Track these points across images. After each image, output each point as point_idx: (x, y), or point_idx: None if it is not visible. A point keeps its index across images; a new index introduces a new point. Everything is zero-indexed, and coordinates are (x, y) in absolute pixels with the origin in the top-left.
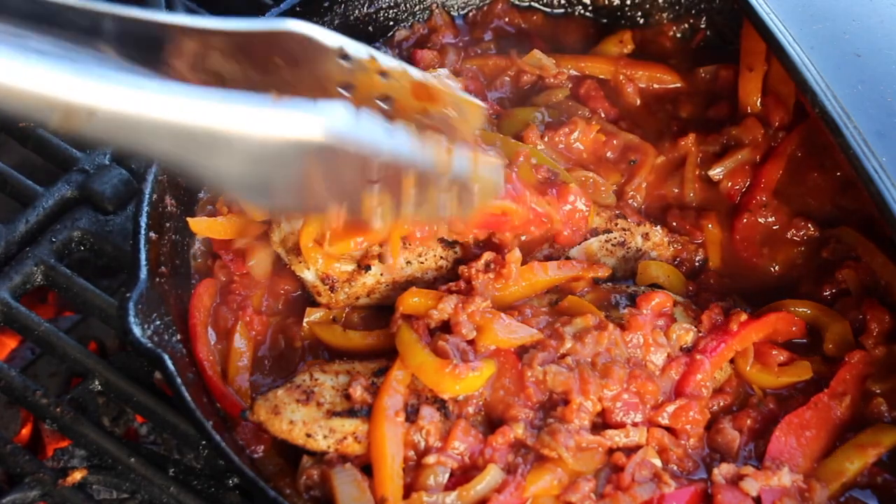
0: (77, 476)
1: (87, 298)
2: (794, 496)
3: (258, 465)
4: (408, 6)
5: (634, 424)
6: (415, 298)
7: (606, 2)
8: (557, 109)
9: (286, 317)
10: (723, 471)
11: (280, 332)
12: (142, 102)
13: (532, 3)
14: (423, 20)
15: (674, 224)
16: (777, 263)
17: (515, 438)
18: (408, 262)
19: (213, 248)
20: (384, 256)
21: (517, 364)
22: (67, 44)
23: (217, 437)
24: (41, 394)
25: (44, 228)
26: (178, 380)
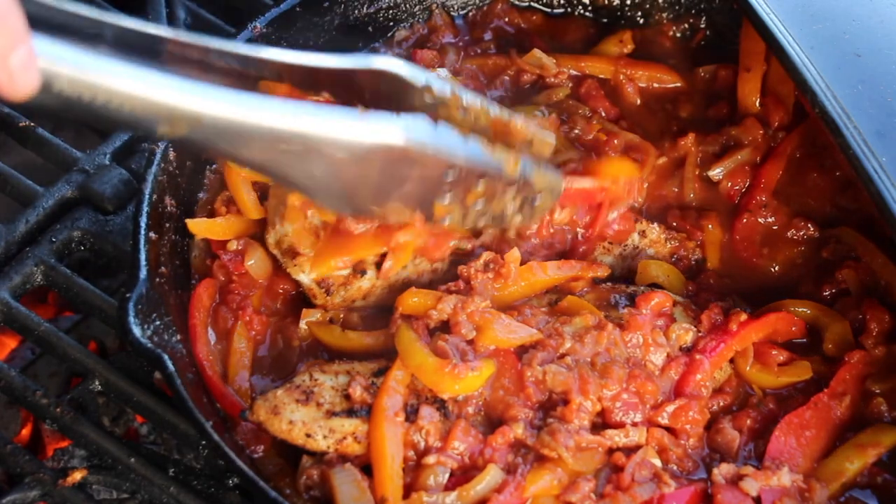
0: (77, 476)
1: (87, 298)
2: (794, 496)
3: (258, 465)
4: (408, 6)
5: (634, 424)
6: (414, 298)
7: (606, 2)
8: (558, 108)
9: (284, 316)
10: (723, 471)
11: (279, 332)
12: (243, 110)
13: (532, 3)
14: (423, 20)
15: (674, 224)
16: (777, 263)
17: (515, 438)
18: (403, 266)
19: (212, 249)
20: (383, 268)
21: (517, 364)
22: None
23: (217, 437)
24: (41, 394)
25: (44, 228)
26: (178, 380)
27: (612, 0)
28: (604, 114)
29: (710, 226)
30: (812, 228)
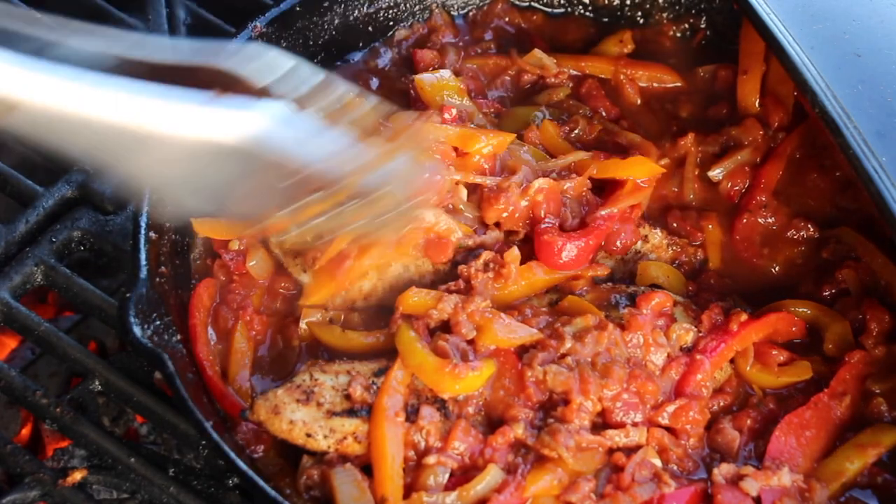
0: (77, 476)
1: (87, 298)
2: (794, 496)
3: (258, 465)
4: (408, 6)
5: (634, 424)
6: (414, 298)
7: (606, 2)
8: (559, 108)
9: (284, 316)
10: (723, 471)
11: (279, 332)
12: (65, 98)
13: (532, 3)
14: (423, 20)
15: (674, 225)
16: (777, 263)
17: (515, 438)
18: (405, 267)
19: (214, 248)
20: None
21: (517, 364)
22: None
23: (217, 437)
24: (41, 394)
25: (44, 228)
26: (178, 380)
27: (613, 0)
28: (604, 114)
29: (711, 226)
30: (812, 229)
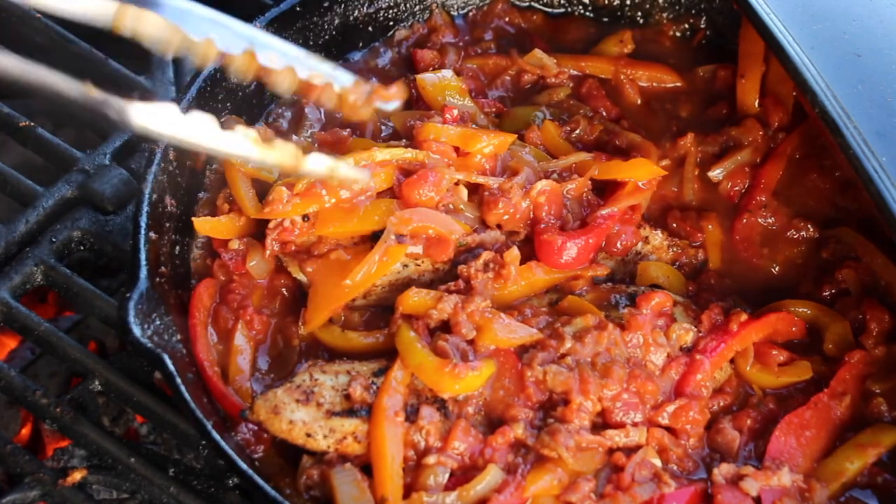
0: (77, 476)
1: (87, 298)
2: (794, 496)
3: (258, 465)
4: (408, 6)
5: (634, 424)
6: (414, 298)
7: (606, 2)
8: (559, 108)
9: (284, 316)
10: (723, 471)
11: (279, 332)
12: None
13: (532, 3)
14: (423, 20)
15: (674, 225)
16: (777, 264)
17: (515, 438)
18: (404, 266)
19: (214, 247)
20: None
21: (517, 364)
22: None
23: (217, 437)
24: (41, 394)
25: (44, 228)
26: (178, 380)
27: (613, 0)
28: (604, 114)
29: (711, 226)
30: (812, 229)
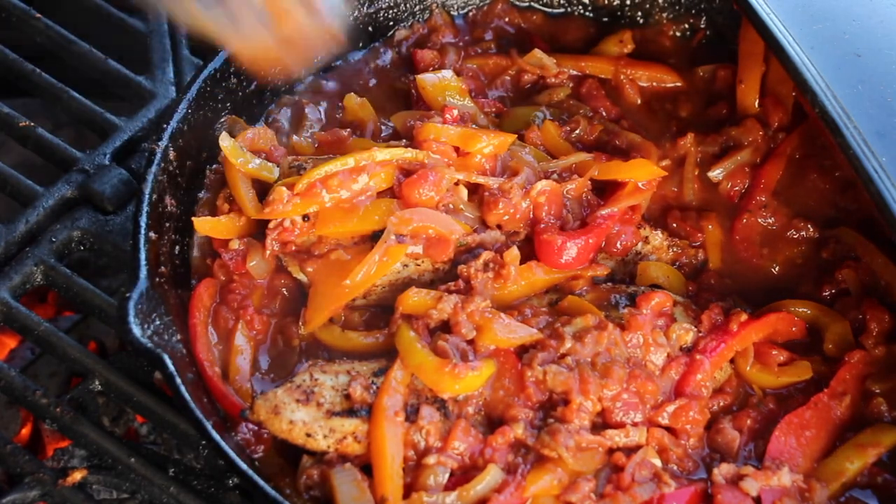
0: (77, 476)
1: (87, 298)
2: (794, 496)
3: (258, 465)
4: (408, 6)
5: (634, 424)
6: (414, 298)
7: (606, 1)
8: (559, 108)
9: (284, 316)
10: (723, 471)
11: (279, 332)
12: None
13: (532, 3)
14: (423, 20)
15: (674, 226)
16: (777, 264)
17: (515, 438)
18: (404, 266)
19: (214, 247)
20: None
21: (517, 364)
22: None
23: (217, 437)
24: (41, 394)
25: (44, 228)
26: (178, 380)
27: (613, 0)
28: (604, 114)
29: (711, 226)
30: (812, 229)
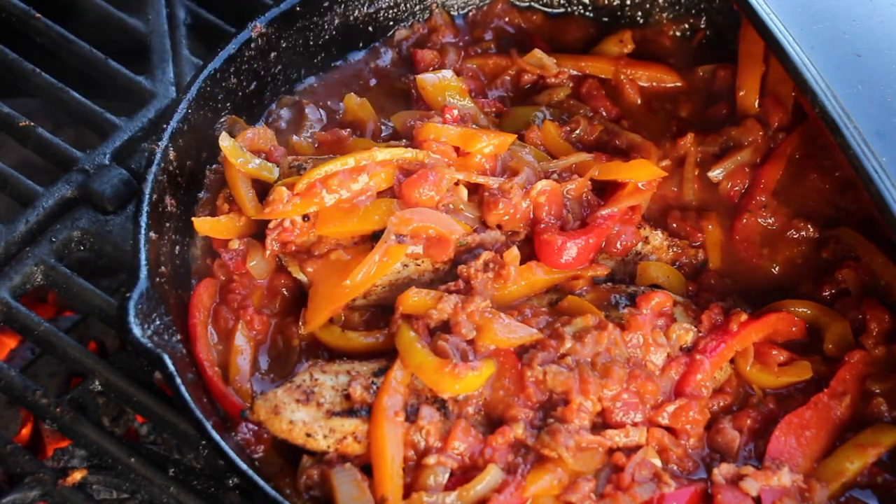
0: (77, 476)
1: (87, 298)
2: (794, 496)
3: (258, 465)
4: (408, 6)
5: (634, 424)
6: (414, 298)
7: (606, 1)
8: (559, 108)
9: (284, 316)
10: (723, 471)
11: (279, 332)
12: None
13: (532, 3)
14: (423, 20)
15: (674, 225)
16: (777, 264)
17: (515, 438)
18: (404, 266)
19: (214, 247)
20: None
21: (517, 364)
22: None
23: (217, 437)
24: (41, 394)
25: (44, 228)
26: (178, 380)
27: (613, 0)
28: (604, 114)
29: (710, 226)
30: (812, 229)
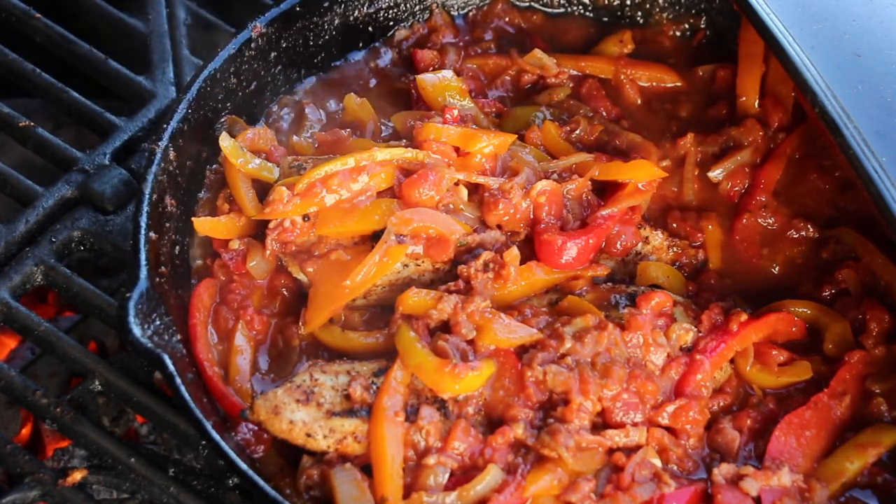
0: (77, 476)
1: (87, 298)
2: (794, 496)
3: (258, 465)
4: (408, 6)
5: (634, 424)
6: (414, 298)
7: (606, 2)
8: (559, 108)
9: (284, 316)
10: (723, 471)
11: (279, 332)
12: None
13: (532, 3)
14: (423, 20)
15: (674, 225)
16: (777, 264)
17: (515, 438)
18: (404, 266)
19: (214, 247)
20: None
21: (517, 364)
22: None
23: (217, 437)
24: (41, 394)
25: (44, 228)
26: (178, 380)
27: (613, 0)
28: (605, 114)
29: (711, 226)
30: (812, 229)
